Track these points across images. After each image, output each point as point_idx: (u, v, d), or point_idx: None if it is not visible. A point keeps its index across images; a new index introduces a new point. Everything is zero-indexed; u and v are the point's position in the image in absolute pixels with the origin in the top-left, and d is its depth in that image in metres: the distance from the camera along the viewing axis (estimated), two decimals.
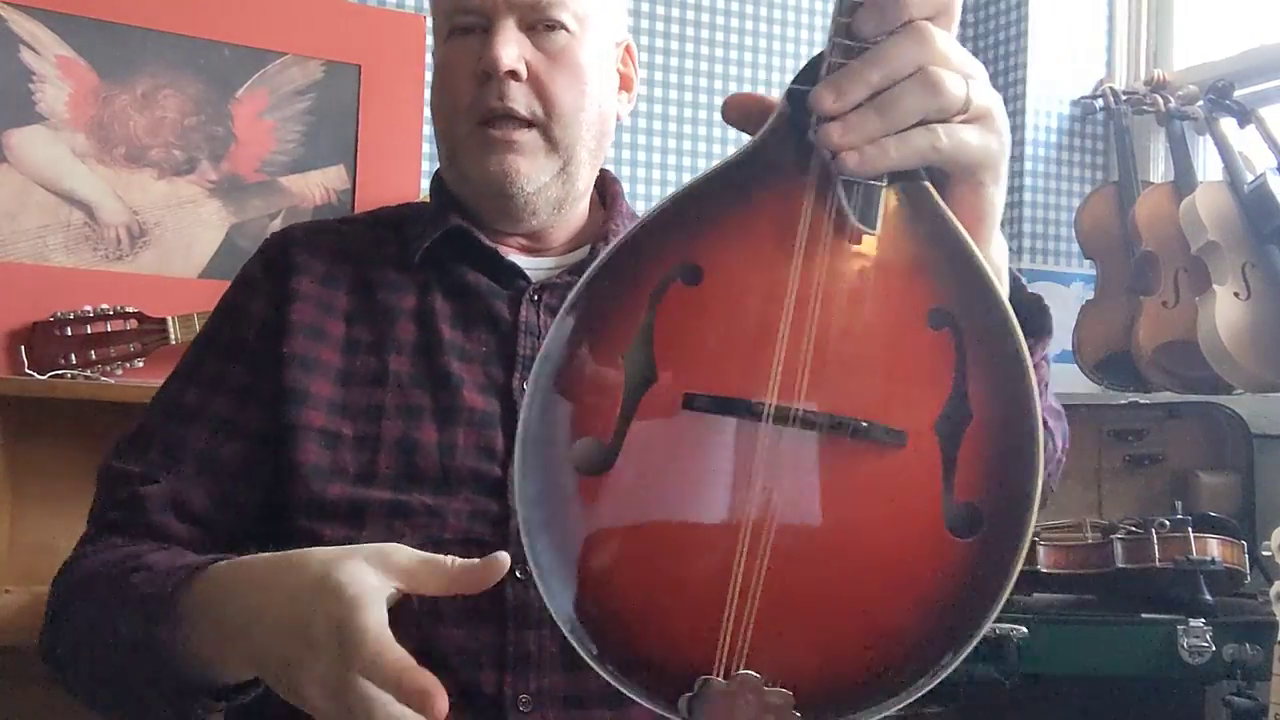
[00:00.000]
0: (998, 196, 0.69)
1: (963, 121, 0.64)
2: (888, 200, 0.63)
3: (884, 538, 0.62)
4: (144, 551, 0.87)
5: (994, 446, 0.62)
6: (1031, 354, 0.74)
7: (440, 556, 0.67)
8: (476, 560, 0.66)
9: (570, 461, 0.62)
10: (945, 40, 0.63)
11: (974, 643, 0.62)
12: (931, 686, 0.63)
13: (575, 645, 0.63)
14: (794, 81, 0.64)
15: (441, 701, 0.60)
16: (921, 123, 0.63)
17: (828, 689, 0.63)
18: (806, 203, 0.63)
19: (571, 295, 0.63)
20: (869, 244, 0.63)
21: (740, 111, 0.68)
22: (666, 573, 0.62)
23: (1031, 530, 0.62)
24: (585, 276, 0.63)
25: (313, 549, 0.71)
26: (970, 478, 0.62)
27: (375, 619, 0.63)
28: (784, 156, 0.64)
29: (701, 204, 0.64)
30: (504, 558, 0.66)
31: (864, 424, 0.61)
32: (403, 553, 0.67)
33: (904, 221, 0.64)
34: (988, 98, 0.65)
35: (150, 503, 0.92)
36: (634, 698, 0.63)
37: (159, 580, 0.80)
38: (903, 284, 0.63)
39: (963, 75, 0.63)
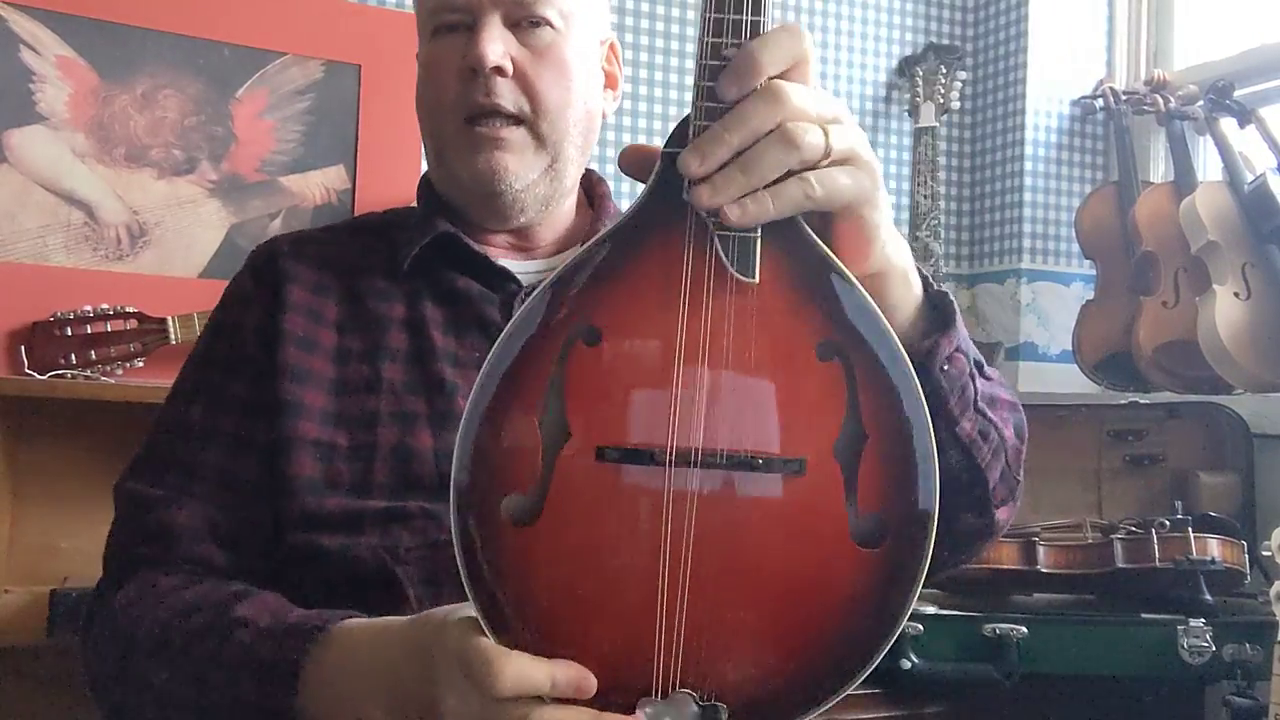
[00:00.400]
0: (882, 219, 0.73)
1: (830, 165, 0.68)
2: (763, 247, 0.67)
3: (797, 557, 0.67)
4: (225, 601, 0.86)
5: (892, 460, 0.68)
6: (940, 350, 0.78)
7: None
8: None
9: (501, 516, 0.67)
10: (800, 94, 0.67)
11: (890, 642, 0.67)
12: (854, 687, 0.68)
13: None
14: (666, 144, 0.69)
15: (591, 680, 0.66)
16: (791, 174, 0.67)
17: (759, 698, 0.68)
18: (687, 258, 0.67)
19: (485, 365, 0.67)
20: (751, 291, 0.67)
21: (631, 163, 0.71)
22: (601, 609, 0.67)
23: (935, 530, 0.67)
24: (495, 346, 0.68)
25: (431, 610, 0.75)
26: (872, 492, 0.67)
27: (489, 641, 0.66)
28: (664, 215, 0.68)
29: (594, 266, 0.68)
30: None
31: (759, 459, 0.66)
32: None
33: (782, 264, 0.68)
34: (850, 140, 0.69)
35: (185, 533, 0.91)
36: None
37: (274, 644, 0.80)
38: (788, 323, 0.68)
39: (821, 124, 0.67)
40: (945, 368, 0.79)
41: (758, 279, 0.67)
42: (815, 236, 0.69)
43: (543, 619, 0.67)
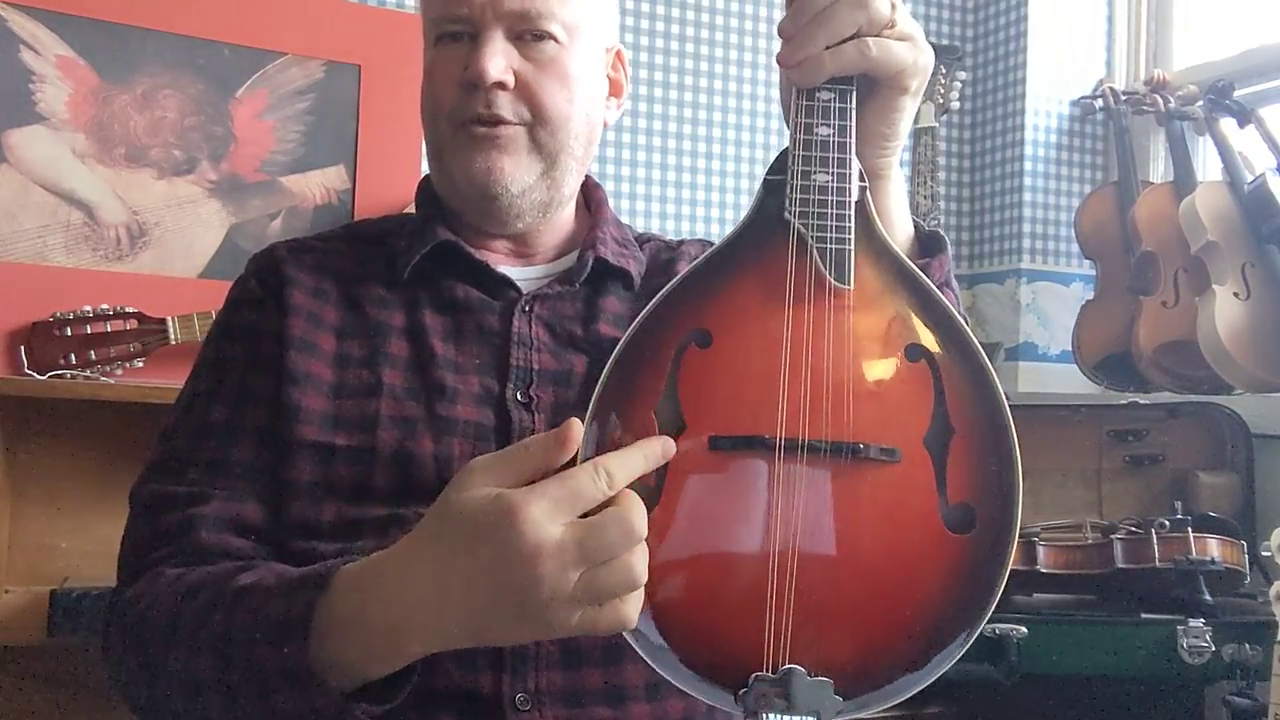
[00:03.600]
0: (911, 107, 0.84)
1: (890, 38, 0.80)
2: (857, 258, 0.76)
3: (893, 540, 0.73)
4: (227, 574, 0.83)
5: (976, 452, 0.74)
6: (932, 273, 0.86)
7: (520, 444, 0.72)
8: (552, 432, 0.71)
9: None
10: None
11: (983, 622, 0.73)
12: (951, 664, 0.73)
13: (647, 659, 0.72)
14: (767, 173, 0.78)
15: (670, 443, 0.72)
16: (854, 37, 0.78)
17: (862, 673, 0.73)
18: (790, 269, 0.75)
19: (605, 370, 0.73)
20: (846, 297, 0.75)
21: None
22: (715, 589, 0.73)
23: (1020, 516, 0.74)
24: (615, 352, 0.74)
25: (437, 505, 0.73)
26: (961, 482, 0.74)
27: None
28: (767, 232, 0.77)
29: (704, 280, 0.76)
30: (576, 424, 0.71)
31: (859, 446, 0.73)
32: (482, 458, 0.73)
33: (873, 274, 0.77)
34: (914, 26, 0.81)
35: (204, 523, 0.89)
36: (696, 696, 0.73)
37: (282, 601, 0.77)
38: (880, 327, 0.76)
39: (891, 2, 0.80)
40: None
41: (852, 286, 0.75)
42: (903, 254, 0.77)
43: (661, 601, 0.72)
